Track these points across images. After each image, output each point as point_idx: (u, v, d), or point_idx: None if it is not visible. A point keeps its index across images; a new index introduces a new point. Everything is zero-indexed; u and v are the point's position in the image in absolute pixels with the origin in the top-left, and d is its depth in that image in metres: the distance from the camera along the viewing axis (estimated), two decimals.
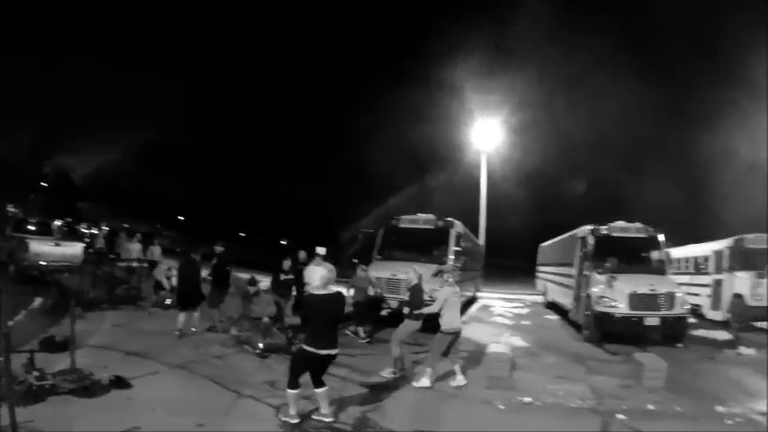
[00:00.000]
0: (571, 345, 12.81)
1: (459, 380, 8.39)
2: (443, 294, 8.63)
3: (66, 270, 17.00)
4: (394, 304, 12.55)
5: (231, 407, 6.69)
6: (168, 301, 13.14)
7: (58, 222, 24.37)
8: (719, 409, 7.60)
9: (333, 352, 6.08)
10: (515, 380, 8.72)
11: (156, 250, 19.33)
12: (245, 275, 13.54)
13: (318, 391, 6.16)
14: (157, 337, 10.15)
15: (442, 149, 44.37)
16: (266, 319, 11.02)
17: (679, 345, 12.64)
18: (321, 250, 24.35)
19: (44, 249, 17.83)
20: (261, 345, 9.65)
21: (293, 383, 6.07)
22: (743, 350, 12.12)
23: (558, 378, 9.18)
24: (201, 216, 78.47)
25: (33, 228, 19.85)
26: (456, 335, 8.70)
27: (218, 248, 12.26)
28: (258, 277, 13.43)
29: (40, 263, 17.15)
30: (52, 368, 6.87)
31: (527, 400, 7.72)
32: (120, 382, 6.96)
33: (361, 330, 11.97)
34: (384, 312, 9.69)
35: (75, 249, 19.04)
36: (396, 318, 9.52)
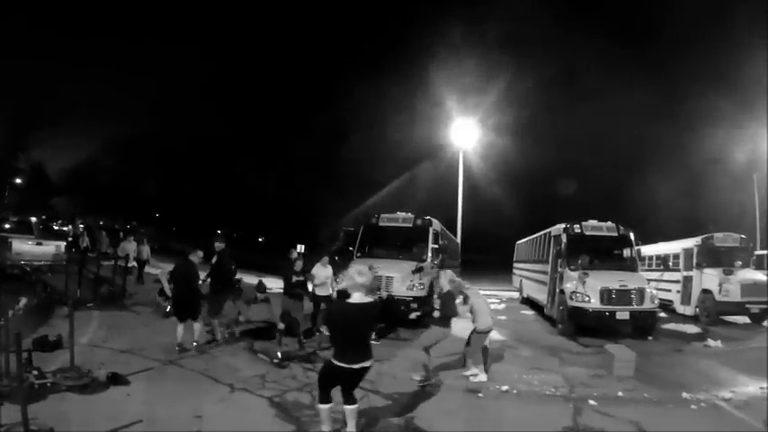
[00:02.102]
0: (546, 338, 13.21)
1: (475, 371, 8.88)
2: (471, 298, 9.24)
3: (49, 269, 16.85)
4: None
5: (226, 399, 6.95)
6: (169, 309, 12.02)
7: (32, 219, 24.11)
8: (685, 395, 8.00)
9: (366, 364, 5.49)
10: (493, 371, 9.08)
11: (145, 249, 18.74)
12: (251, 279, 13.05)
13: (347, 408, 5.64)
14: (146, 335, 10.29)
15: (422, 148, 44.71)
16: (281, 326, 10.41)
17: (649, 338, 13.17)
18: (300, 248, 24.61)
19: (25, 248, 17.70)
20: (279, 354, 9.12)
21: (324, 398, 5.59)
22: (710, 342, 12.57)
23: (533, 369, 9.58)
24: (177, 213, 77.98)
25: (13, 226, 19.65)
26: (489, 332, 9.26)
27: (219, 245, 10.80)
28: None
29: (22, 262, 16.97)
30: (47, 367, 7.06)
31: (504, 388, 8.11)
32: (116, 379, 7.13)
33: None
34: (413, 316, 9.68)
35: (57, 248, 18.95)
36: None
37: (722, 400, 7.82)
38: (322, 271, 12.11)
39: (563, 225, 15.67)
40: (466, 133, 30.98)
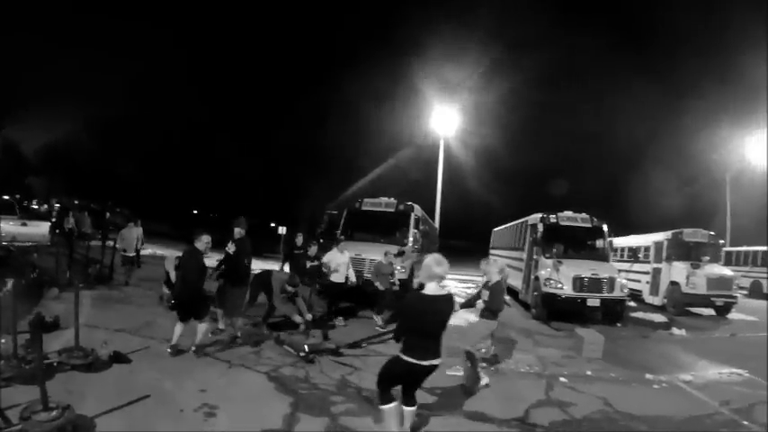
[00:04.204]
0: (521, 322, 13.75)
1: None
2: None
3: (35, 250, 16.49)
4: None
5: (226, 374, 7.24)
6: (173, 302, 10.06)
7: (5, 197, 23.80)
8: (649, 376, 8.61)
9: (435, 362, 4.96)
10: None
11: (138, 232, 16.08)
12: (278, 270, 11.82)
13: (408, 409, 5.21)
14: (138, 315, 10.43)
15: (404, 134, 44.98)
16: (309, 317, 9.91)
17: (618, 324, 13.81)
18: (282, 230, 24.93)
19: (10, 229, 17.60)
20: (306, 347, 8.49)
21: (386, 397, 5.11)
22: (675, 331, 13.25)
23: (508, 349, 10.08)
24: (155, 192, 77.08)
25: None
26: None
27: (239, 232, 9.43)
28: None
29: (4, 243, 16.60)
30: (48, 347, 7.02)
31: (482, 365, 8.59)
32: (118, 357, 7.32)
33: (379, 318, 11.62)
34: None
35: (41, 229, 18.99)
36: None
37: (683, 382, 8.39)
38: (338, 257, 11.86)
39: (539, 214, 16.27)
40: (447, 121, 31.29)
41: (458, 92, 33.07)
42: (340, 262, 11.75)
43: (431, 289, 4.97)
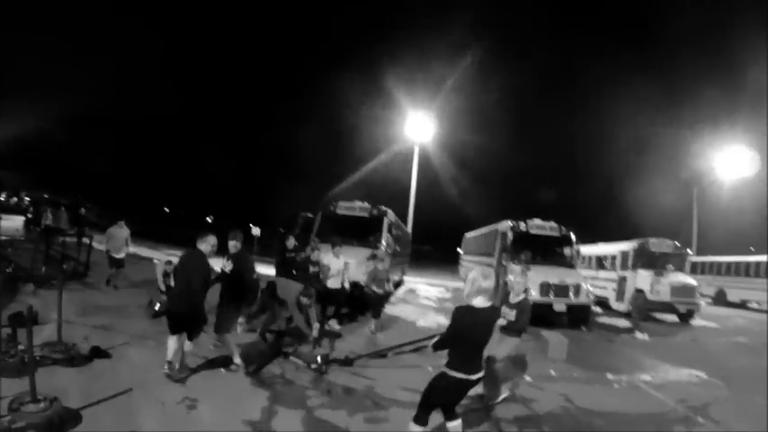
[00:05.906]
0: None
1: None
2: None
3: (9, 245, 16.51)
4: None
5: (204, 370, 7.36)
6: (158, 306, 10.18)
7: None
8: (609, 376, 9.02)
9: (481, 375, 4.93)
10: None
11: (126, 232, 14.73)
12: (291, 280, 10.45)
13: (454, 424, 5.10)
14: (116, 312, 10.51)
15: (378, 139, 45.26)
16: (317, 326, 9.38)
17: (584, 328, 14.26)
18: (256, 231, 25.03)
19: None
20: (319, 359, 8.05)
21: (424, 419, 4.91)
22: (638, 335, 13.76)
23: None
24: (125, 188, 76.04)
25: None
26: None
27: (235, 245, 7.94)
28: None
29: None
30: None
31: None
32: (99, 353, 7.44)
33: (373, 323, 11.51)
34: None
35: (15, 223, 18.97)
36: None
37: (642, 382, 8.82)
38: (335, 262, 11.64)
39: (510, 222, 16.75)
40: (422, 127, 31.75)
41: (435, 97, 33.56)
42: (337, 267, 11.63)
43: (479, 302, 4.82)
